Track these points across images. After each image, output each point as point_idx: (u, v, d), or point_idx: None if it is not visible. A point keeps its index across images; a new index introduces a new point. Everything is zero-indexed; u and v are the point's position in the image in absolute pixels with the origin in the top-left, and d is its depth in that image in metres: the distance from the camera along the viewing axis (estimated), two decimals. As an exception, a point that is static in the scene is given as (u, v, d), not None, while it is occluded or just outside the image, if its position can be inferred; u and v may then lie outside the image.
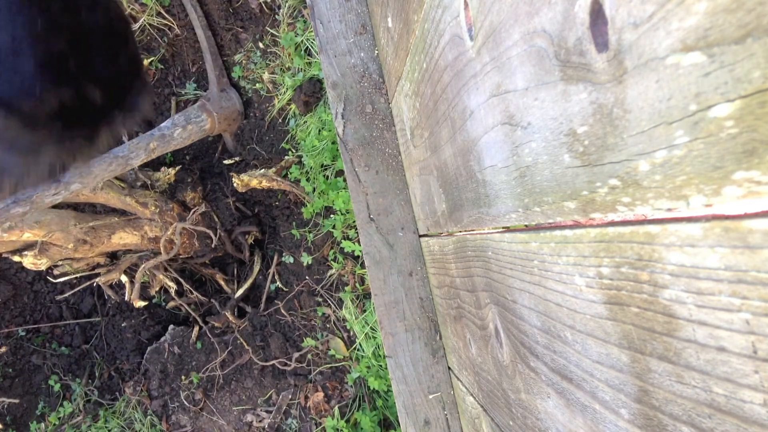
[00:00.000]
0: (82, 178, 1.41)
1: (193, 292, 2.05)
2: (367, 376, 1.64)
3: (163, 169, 1.82)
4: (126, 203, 1.66)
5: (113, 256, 1.99)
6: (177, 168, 1.83)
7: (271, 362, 1.94)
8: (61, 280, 1.90)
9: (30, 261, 1.49)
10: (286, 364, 1.89)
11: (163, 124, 1.61)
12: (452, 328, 1.00)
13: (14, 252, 1.48)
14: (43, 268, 1.56)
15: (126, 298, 1.92)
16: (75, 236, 1.54)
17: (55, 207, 1.62)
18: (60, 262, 1.72)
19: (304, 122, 1.63)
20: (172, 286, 1.96)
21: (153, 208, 1.72)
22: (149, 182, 1.78)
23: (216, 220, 1.92)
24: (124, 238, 1.70)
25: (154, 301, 2.23)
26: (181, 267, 2.03)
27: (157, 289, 1.98)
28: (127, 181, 1.71)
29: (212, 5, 1.92)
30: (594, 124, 0.36)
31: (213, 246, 1.90)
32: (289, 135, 1.79)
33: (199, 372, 2.00)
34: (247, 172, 1.79)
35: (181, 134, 1.61)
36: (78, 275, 1.91)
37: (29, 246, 1.49)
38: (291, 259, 1.93)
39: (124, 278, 1.88)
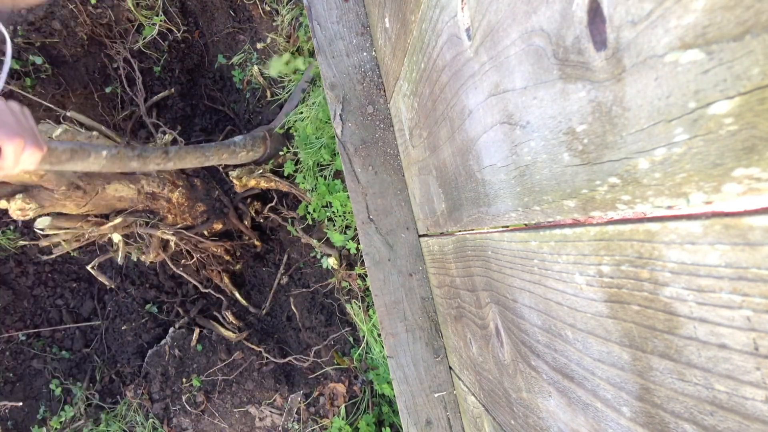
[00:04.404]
0: (182, 160, 1.40)
1: (198, 269, 1.97)
2: (376, 381, 1.64)
3: (159, 135, 1.77)
4: None
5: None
6: (176, 132, 1.78)
7: (272, 365, 1.94)
8: (48, 247, 1.76)
9: (18, 206, 1.34)
10: (290, 366, 1.89)
11: (237, 138, 1.64)
12: (453, 328, 1.00)
13: (2, 196, 1.37)
14: (30, 215, 1.40)
15: (119, 262, 1.78)
16: (68, 179, 1.44)
17: None
18: (50, 230, 1.61)
19: (300, 112, 1.62)
20: (173, 242, 1.79)
21: None
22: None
23: (216, 186, 1.88)
24: (120, 191, 1.60)
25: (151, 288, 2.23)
26: (182, 246, 1.95)
27: (154, 256, 1.83)
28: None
29: (213, 8, 1.93)
30: (593, 123, 0.36)
31: (215, 209, 1.83)
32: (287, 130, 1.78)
33: (200, 374, 2.00)
34: (244, 170, 1.78)
35: (244, 154, 1.62)
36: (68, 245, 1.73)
37: (18, 191, 1.39)
38: (291, 258, 1.93)
39: (117, 237, 1.73)
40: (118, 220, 1.65)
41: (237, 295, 2.11)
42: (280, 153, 1.75)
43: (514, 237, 0.56)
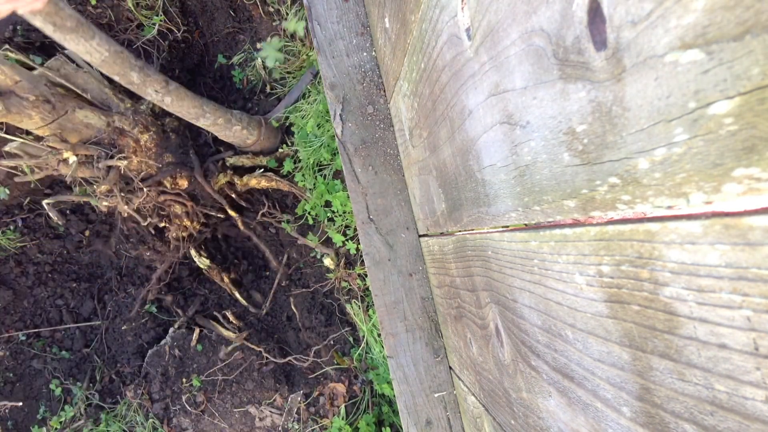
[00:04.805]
0: (181, 101, 1.38)
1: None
2: (376, 381, 1.64)
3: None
4: (103, 92, 1.59)
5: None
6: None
7: (272, 365, 1.94)
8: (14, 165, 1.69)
9: None
10: (290, 366, 1.88)
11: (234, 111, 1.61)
12: (453, 328, 1.00)
13: None
14: None
15: (67, 178, 1.68)
16: (41, 91, 1.44)
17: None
18: (16, 151, 1.56)
19: (301, 108, 1.62)
20: (135, 168, 1.68)
21: (129, 104, 1.64)
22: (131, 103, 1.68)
23: (190, 145, 1.81)
24: (90, 118, 1.57)
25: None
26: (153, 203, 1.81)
27: (106, 189, 1.70)
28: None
29: (213, 8, 1.93)
30: (593, 123, 0.36)
31: (184, 164, 1.74)
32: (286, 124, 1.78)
33: (200, 374, 2.00)
34: (243, 158, 1.77)
35: (238, 129, 1.59)
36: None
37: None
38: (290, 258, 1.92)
39: (72, 158, 1.64)
40: (80, 148, 1.59)
41: (237, 294, 2.11)
42: (280, 150, 1.75)
43: (514, 237, 0.56)
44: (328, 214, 1.65)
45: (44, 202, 1.74)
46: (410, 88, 0.87)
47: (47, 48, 1.87)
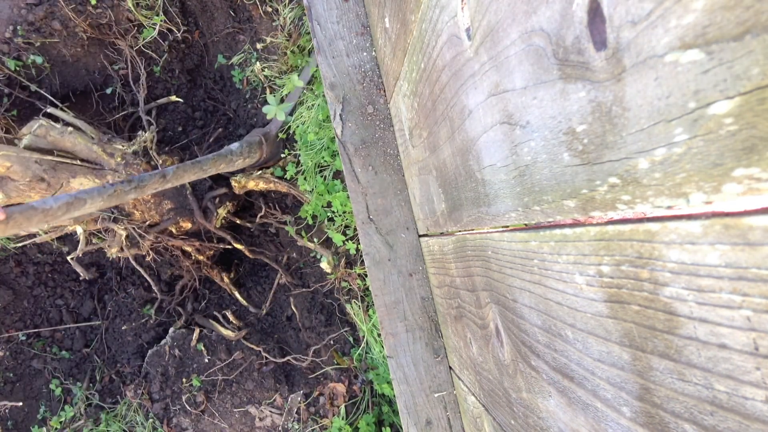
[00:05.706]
0: (181, 178, 1.40)
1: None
2: (376, 381, 1.64)
3: (140, 133, 1.75)
4: (92, 150, 1.63)
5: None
6: (154, 132, 1.77)
7: (272, 365, 1.94)
8: (27, 241, 1.79)
9: None
10: (290, 366, 1.88)
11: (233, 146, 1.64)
12: (453, 328, 1.00)
13: None
14: None
15: (77, 252, 1.77)
16: (33, 171, 1.48)
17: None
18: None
19: (300, 115, 1.62)
20: (144, 240, 1.76)
21: (119, 159, 1.66)
22: (122, 145, 1.72)
23: (186, 185, 1.84)
24: (85, 184, 1.62)
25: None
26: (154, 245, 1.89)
27: (116, 250, 1.80)
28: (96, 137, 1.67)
29: (213, 8, 1.93)
30: (593, 123, 0.36)
31: (184, 208, 1.79)
32: (287, 130, 1.78)
33: (200, 374, 2.00)
34: (244, 173, 1.78)
35: (240, 162, 1.62)
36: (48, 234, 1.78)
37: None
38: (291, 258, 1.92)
39: (79, 230, 1.74)
40: (83, 216, 1.65)
41: (237, 294, 2.11)
42: (282, 156, 1.76)
43: (514, 237, 0.56)
44: (328, 214, 1.65)
45: (69, 258, 1.84)
46: (410, 88, 0.87)
47: (48, 48, 1.87)
